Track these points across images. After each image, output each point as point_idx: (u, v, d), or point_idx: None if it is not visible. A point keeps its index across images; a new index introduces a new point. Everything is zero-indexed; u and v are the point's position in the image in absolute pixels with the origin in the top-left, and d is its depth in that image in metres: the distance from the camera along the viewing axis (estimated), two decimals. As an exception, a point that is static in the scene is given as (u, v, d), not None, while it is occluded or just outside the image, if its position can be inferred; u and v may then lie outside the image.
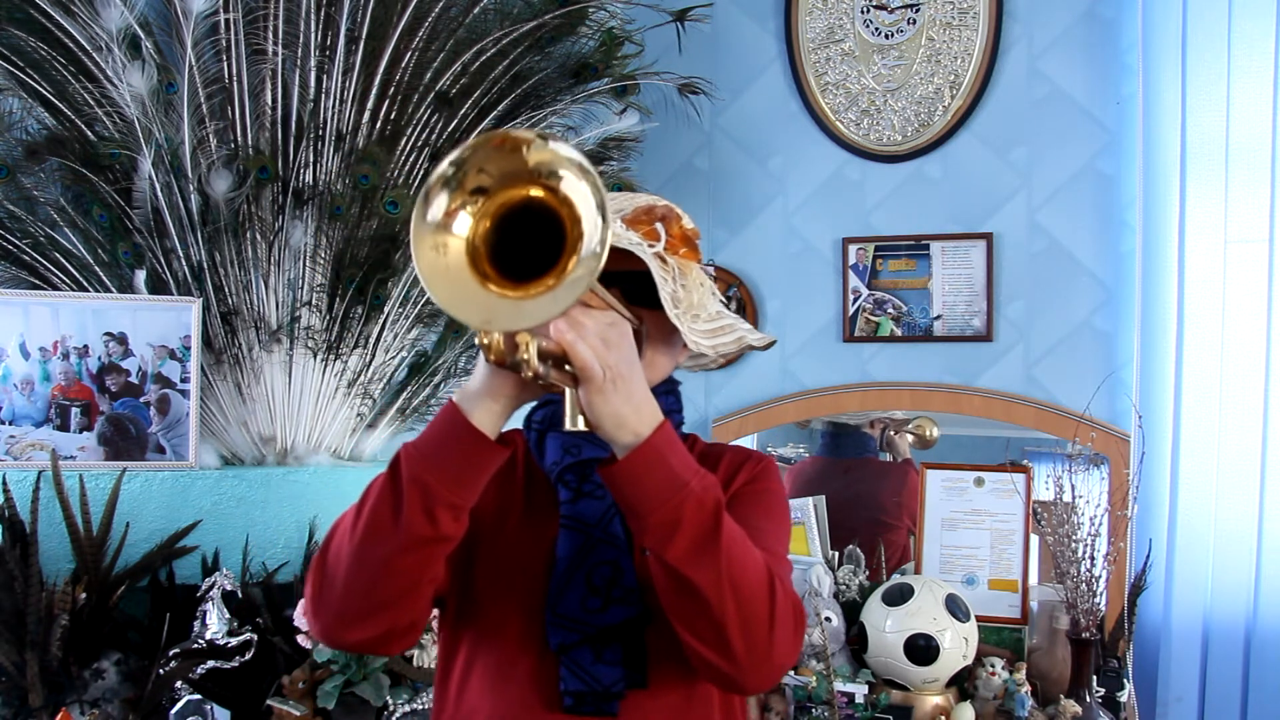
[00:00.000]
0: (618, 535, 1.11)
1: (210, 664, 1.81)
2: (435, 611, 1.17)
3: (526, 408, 1.16)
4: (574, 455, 1.14)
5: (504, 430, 1.02)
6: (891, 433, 2.63)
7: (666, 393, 1.21)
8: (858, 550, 2.35)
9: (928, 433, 2.60)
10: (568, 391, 0.95)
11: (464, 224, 0.84)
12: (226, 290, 2.17)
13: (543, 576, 1.11)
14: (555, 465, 1.15)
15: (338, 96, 2.18)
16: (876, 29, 2.68)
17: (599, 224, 0.81)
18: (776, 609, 0.99)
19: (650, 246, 1.13)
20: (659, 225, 1.15)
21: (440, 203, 0.83)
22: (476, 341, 0.91)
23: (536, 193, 0.84)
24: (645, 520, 0.96)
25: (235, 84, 2.12)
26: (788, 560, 1.18)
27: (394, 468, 0.99)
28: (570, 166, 0.83)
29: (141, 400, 2.06)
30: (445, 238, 0.83)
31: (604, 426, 0.95)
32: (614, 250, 0.87)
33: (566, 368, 0.93)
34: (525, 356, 0.87)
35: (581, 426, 0.96)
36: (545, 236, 0.84)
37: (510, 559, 1.14)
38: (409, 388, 2.47)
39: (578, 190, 0.82)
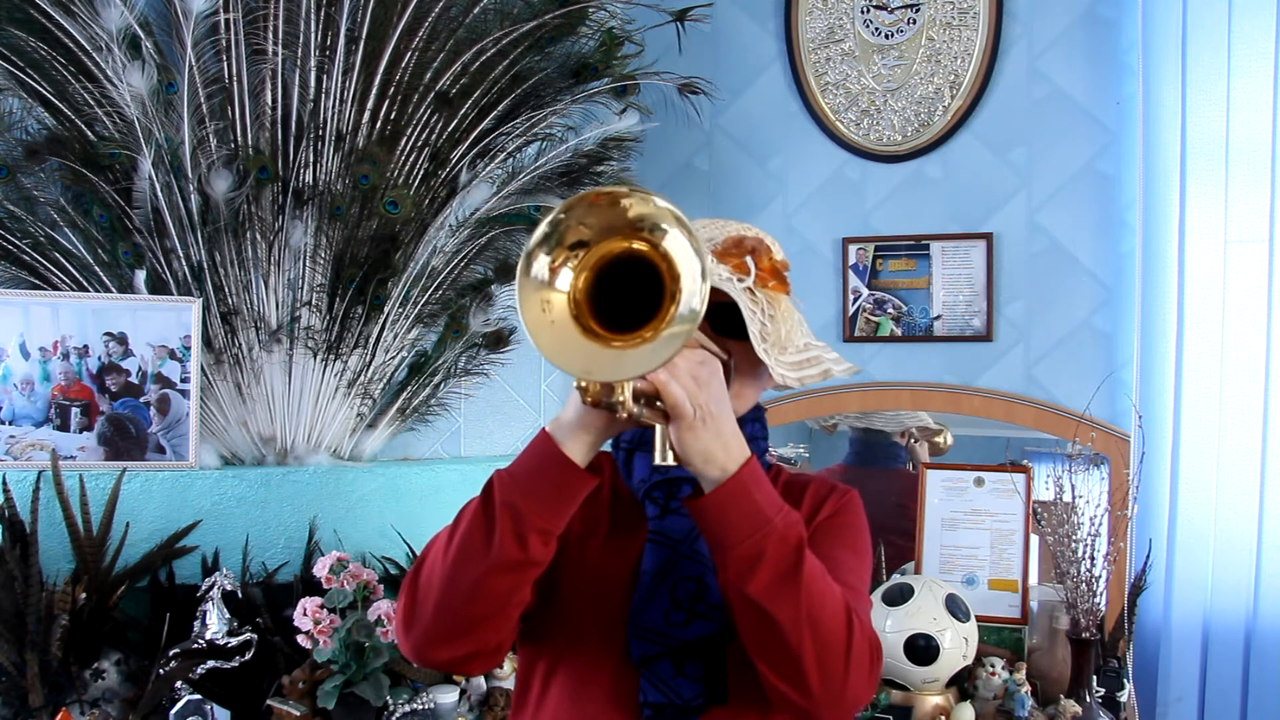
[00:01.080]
0: (703, 552, 1.12)
1: (210, 664, 1.81)
2: None
3: None
4: (662, 473, 1.17)
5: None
6: (913, 441, 2.62)
7: (753, 420, 1.24)
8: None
9: (944, 440, 2.59)
10: (658, 427, 0.98)
11: (566, 279, 0.87)
12: (226, 290, 2.17)
13: (626, 590, 1.13)
14: (644, 483, 1.18)
15: (338, 96, 2.18)
16: (876, 29, 2.68)
17: (699, 282, 0.84)
18: (853, 647, 1.00)
19: (740, 281, 1.15)
20: (749, 259, 1.17)
21: (542, 261, 0.87)
22: (575, 384, 0.95)
23: (638, 245, 0.87)
24: (728, 553, 0.98)
25: (235, 84, 2.12)
26: (867, 596, 1.20)
27: (487, 493, 1.02)
28: (673, 223, 0.85)
29: (141, 400, 2.06)
30: (549, 294, 0.87)
31: (693, 462, 0.98)
32: None
33: (658, 404, 0.96)
34: (621, 399, 0.92)
35: (671, 461, 0.99)
36: (646, 286, 0.86)
37: (594, 573, 1.15)
38: (409, 388, 2.47)
39: (679, 246, 0.85)
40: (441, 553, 1.03)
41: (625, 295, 0.88)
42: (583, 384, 0.94)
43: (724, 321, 1.15)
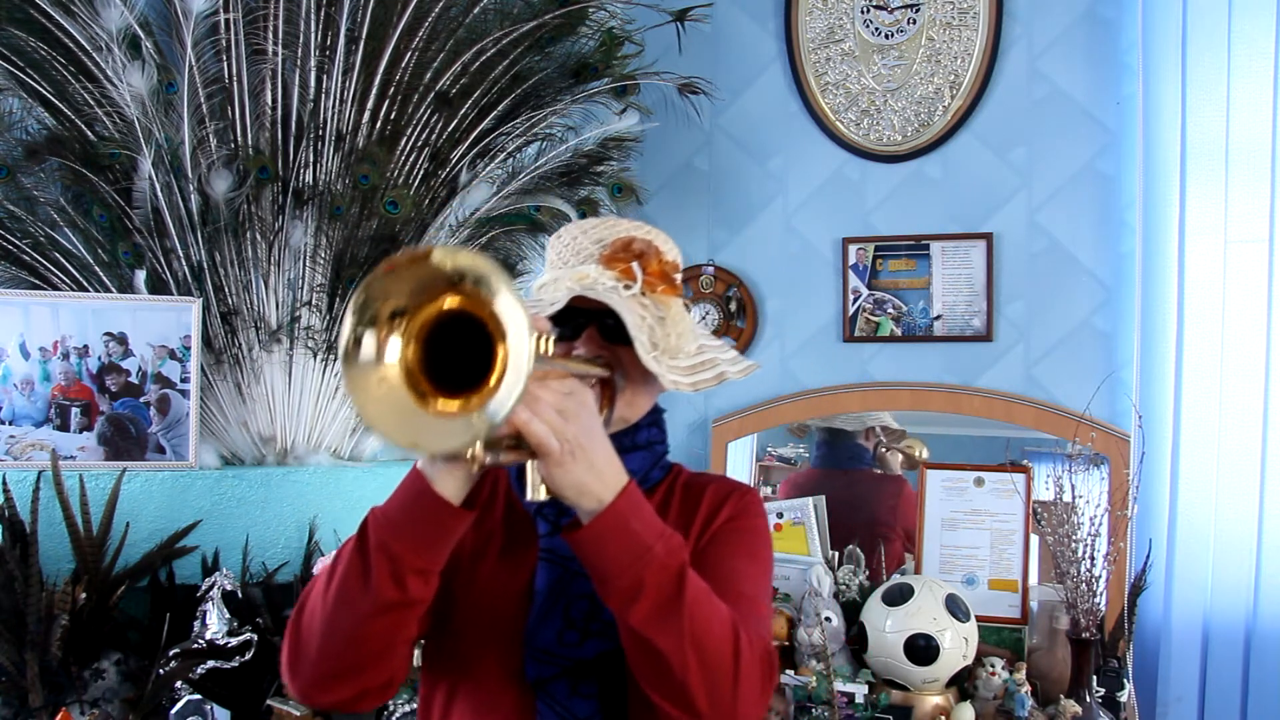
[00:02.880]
0: None
1: (210, 664, 1.81)
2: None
3: None
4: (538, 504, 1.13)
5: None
6: (884, 450, 2.63)
7: (650, 424, 1.22)
8: (858, 550, 2.35)
9: (917, 454, 2.59)
10: (529, 462, 0.96)
11: (395, 349, 0.85)
12: (226, 290, 2.17)
13: (521, 609, 1.11)
14: (532, 502, 1.12)
15: (338, 96, 2.18)
16: (876, 29, 2.68)
17: (525, 342, 0.81)
18: (741, 669, 0.99)
19: (626, 288, 1.12)
20: (635, 265, 1.14)
21: (367, 341, 0.84)
22: None
23: (454, 300, 0.85)
24: (608, 585, 0.96)
25: (235, 84, 2.12)
26: (765, 605, 1.16)
27: (362, 535, 0.99)
28: (497, 277, 0.82)
29: (141, 400, 2.06)
30: (383, 371, 0.85)
31: (566, 496, 0.96)
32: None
33: (523, 445, 0.94)
34: (470, 454, 0.90)
35: (544, 496, 0.97)
36: (477, 341, 0.84)
37: (489, 592, 1.13)
38: (409, 388, 2.47)
39: (506, 305, 0.82)
40: (321, 596, 1.01)
41: (460, 352, 0.85)
42: None
43: (614, 329, 1.13)
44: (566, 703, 1.07)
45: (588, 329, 1.15)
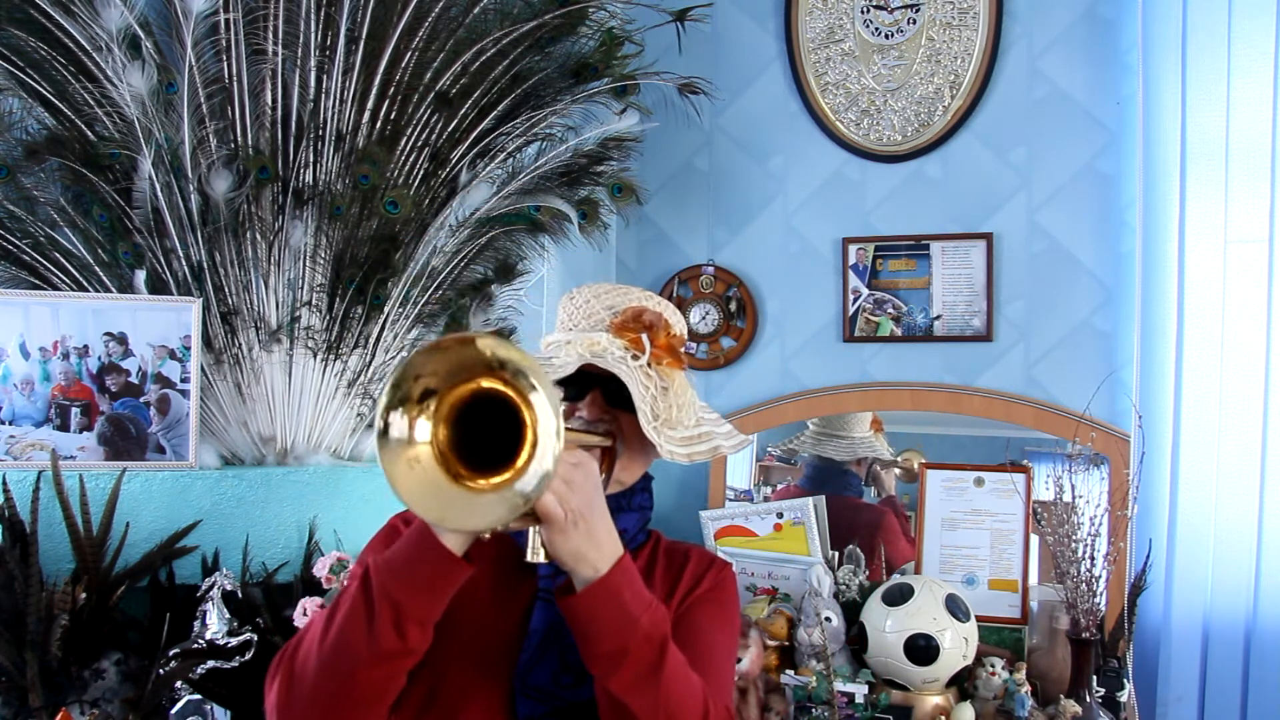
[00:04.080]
0: None
1: (210, 664, 1.81)
2: None
3: None
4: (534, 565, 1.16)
5: None
6: (878, 468, 2.63)
7: (641, 490, 1.26)
8: (858, 550, 2.35)
9: (915, 465, 2.59)
10: (532, 528, 1.00)
11: (424, 431, 0.89)
12: (226, 290, 2.17)
13: (513, 647, 1.13)
14: (533, 562, 1.15)
15: (338, 96, 2.18)
16: (876, 29, 2.68)
17: (553, 440, 0.86)
18: None
19: (635, 358, 1.17)
20: (644, 336, 1.18)
21: (396, 420, 0.89)
22: None
23: (495, 385, 0.89)
24: (594, 649, 1.00)
25: (235, 84, 2.12)
26: (730, 677, 1.23)
27: (365, 581, 1.01)
28: (538, 378, 0.87)
29: (141, 400, 2.06)
30: (414, 450, 0.89)
31: (564, 562, 1.00)
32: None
33: (528, 511, 0.96)
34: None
35: (542, 559, 1.01)
36: (505, 422, 0.89)
37: (483, 628, 1.15)
38: (409, 388, 2.47)
39: (540, 404, 0.87)
40: (318, 641, 1.02)
41: (487, 426, 0.89)
42: None
43: (617, 395, 1.17)
44: None
45: (592, 392, 1.19)
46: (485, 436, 0.90)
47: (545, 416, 0.87)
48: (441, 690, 1.13)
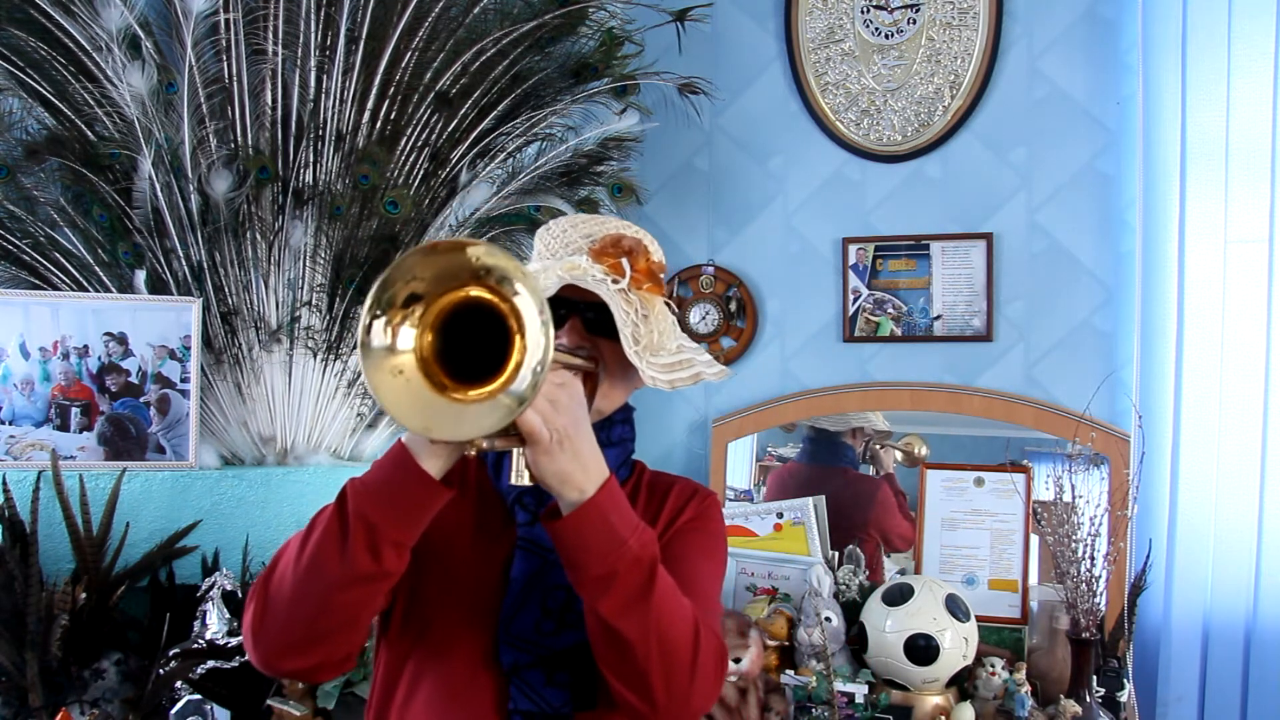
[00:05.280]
0: None
1: (210, 664, 1.81)
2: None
3: None
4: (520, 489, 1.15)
5: None
6: (877, 446, 2.62)
7: (622, 421, 1.24)
8: (858, 550, 2.35)
9: (916, 450, 2.59)
10: (515, 449, 0.98)
11: (408, 338, 0.87)
12: (226, 290, 2.17)
13: (495, 595, 1.13)
14: (513, 488, 1.15)
15: (338, 96, 2.18)
16: (876, 29, 2.68)
17: (541, 346, 0.85)
18: (699, 660, 1.03)
19: (614, 283, 1.15)
20: (624, 260, 1.16)
21: (378, 327, 0.86)
22: None
23: (481, 293, 0.87)
24: (582, 573, 1.00)
25: (235, 84, 2.12)
26: (718, 603, 1.22)
27: (340, 503, 1.00)
28: (522, 279, 0.86)
29: (141, 400, 2.06)
30: (397, 359, 0.87)
31: (550, 484, 0.99)
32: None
33: (512, 431, 0.96)
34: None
35: (527, 482, 0.99)
36: (492, 331, 0.87)
37: (463, 576, 1.15)
38: (409, 388, 2.47)
39: (527, 306, 0.86)
40: (293, 563, 1.01)
41: (473, 339, 0.88)
42: None
43: (595, 319, 1.16)
44: (541, 690, 1.10)
45: (570, 319, 1.17)
46: (473, 347, 0.88)
47: (531, 317, 0.85)
48: (426, 641, 1.14)
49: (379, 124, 2.24)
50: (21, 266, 2.11)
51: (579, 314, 1.17)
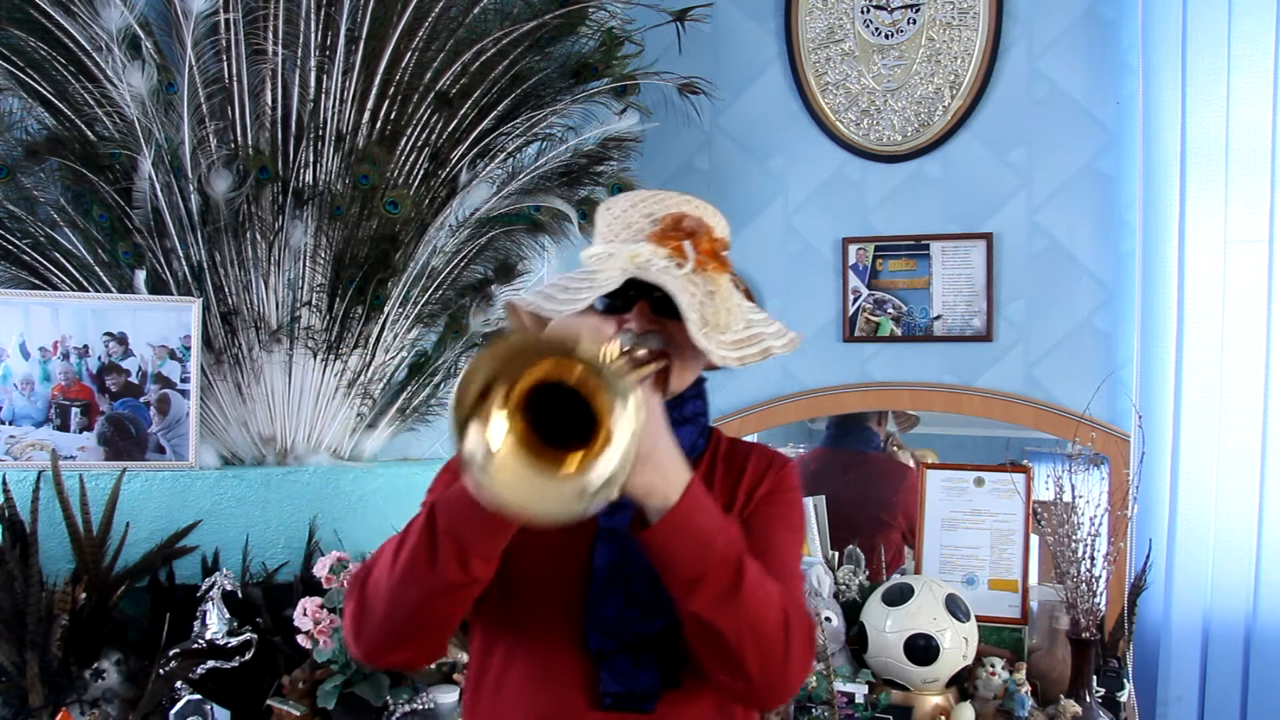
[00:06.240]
0: None
1: (210, 664, 1.81)
2: None
3: None
4: None
5: None
6: (895, 447, 2.63)
7: (695, 396, 1.26)
8: (858, 550, 2.35)
9: (926, 460, 2.61)
10: None
11: (499, 429, 0.90)
12: (226, 290, 2.17)
13: (580, 583, 1.16)
14: None
15: (338, 96, 2.18)
16: (876, 29, 2.68)
17: (625, 459, 0.88)
18: (791, 641, 1.06)
19: (679, 267, 1.16)
20: (687, 244, 1.18)
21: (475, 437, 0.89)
22: None
23: (578, 381, 0.90)
24: (673, 576, 1.02)
25: (235, 84, 2.12)
26: (799, 572, 1.24)
27: (430, 518, 1.05)
28: (635, 405, 0.89)
29: (141, 400, 2.06)
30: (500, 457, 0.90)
31: (635, 497, 1.01)
32: None
33: None
34: None
35: (614, 496, 1.01)
36: (574, 409, 0.90)
37: (549, 565, 1.18)
38: (409, 388, 2.47)
39: (622, 427, 0.89)
40: (387, 569, 1.07)
41: (556, 408, 0.90)
42: None
43: (664, 302, 1.16)
44: (629, 673, 1.13)
45: (639, 303, 1.18)
46: (555, 414, 0.91)
47: (623, 418, 0.88)
48: (516, 627, 1.18)
49: (379, 124, 2.24)
50: (21, 266, 2.11)
51: (646, 297, 1.18)
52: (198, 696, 1.76)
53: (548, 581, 1.18)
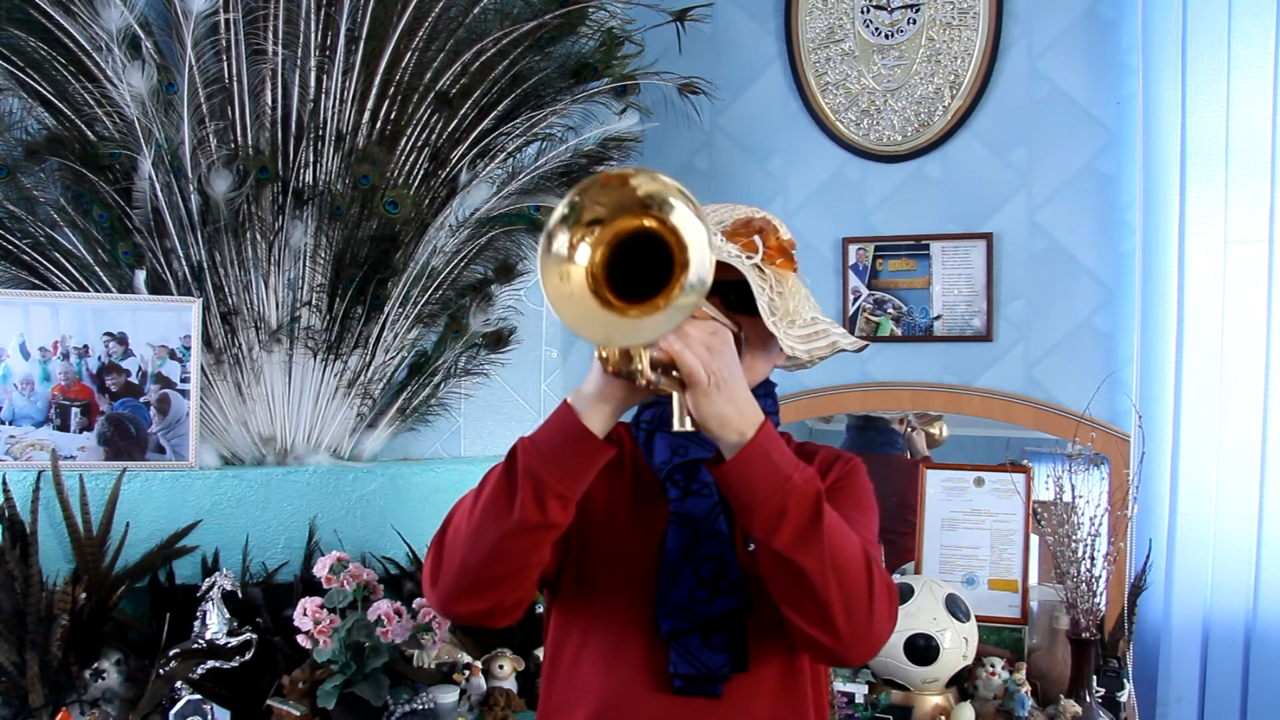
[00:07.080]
0: (723, 531, 1.21)
1: (210, 664, 1.81)
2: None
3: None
4: (681, 455, 1.23)
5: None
6: (910, 430, 2.63)
7: (765, 395, 1.30)
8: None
9: (938, 433, 2.61)
10: (675, 395, 1.04)
11: (584, 253, 0.92)
12: (226, 290, 2.17)
13: (652, 567, 1.20)
14: (664, 465, 1.24)
15: (338, 96, 2.18)
16: (876, 29, 2.68)
17: (706, 251, 0.90)
18: (875, 587, 1.07)
19: (749, 258, 1.21)
20: (756, 238, 1.22)
21: (562, 238, 0.91)
22: (595, 354, 1.04)
23: (648, 222, 0.93)
24: (753, 513, 1.04)
25: (235, 84, 2.12)
26: (879, 545, 1.28)
27: (510, 459, 1.07)
28: (679, 198, 0.92)
29: (141, 400, 2.06)
30: (568, 267, 0.92)
31: (710, 427, 1.03)
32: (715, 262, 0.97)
33: (674, 374, 1.02)
34: (639, 367, 0.99)
35: (689, 427, 1.04)
36: (658, 259, 0.92)
37: (622, 549, 1.23)
38: (409, 388, 2.47)
39: (685, 220, 0.92)
40: (466, 514, 1.10)
41: (639, 268, 0.93)
42: (603, 354, 1.01)
43: (736, 299, 1.20)
44: (700, 655, 1.17)
45: (711, 298, 1.20)
46: (640, 274, 0.93)
47: (693, 229, 0.91)
48: (591, 608, 1.22)
49: (379, 124, 2.24)
50: (21, 266, 2.11)
51: (719, 293, 1.21)
52: (198, 696, 1.76)
53: (622, 564, 1.22)
